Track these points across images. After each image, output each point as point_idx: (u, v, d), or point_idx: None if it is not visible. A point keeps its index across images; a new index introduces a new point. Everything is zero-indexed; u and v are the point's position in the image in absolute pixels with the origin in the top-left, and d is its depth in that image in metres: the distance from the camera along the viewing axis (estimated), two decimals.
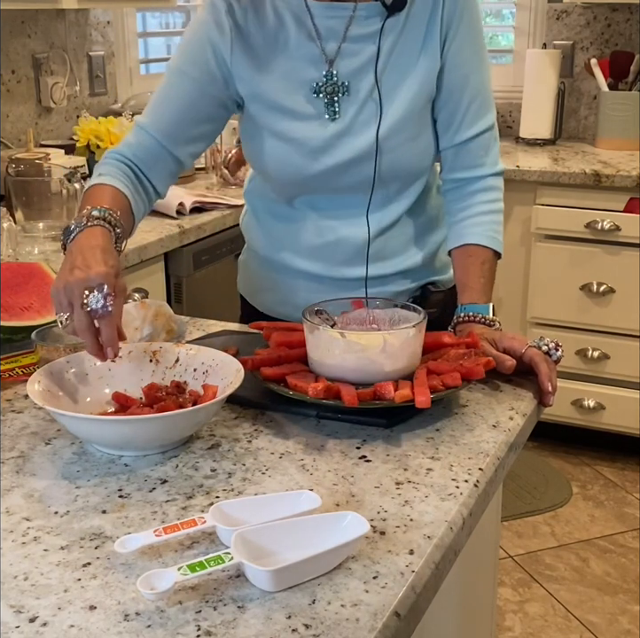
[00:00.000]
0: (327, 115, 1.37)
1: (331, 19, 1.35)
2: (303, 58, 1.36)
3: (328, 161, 1.38)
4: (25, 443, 1.05)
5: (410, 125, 1.38)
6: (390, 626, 0.74)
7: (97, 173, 1.35)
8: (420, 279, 1.52)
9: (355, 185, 1.40)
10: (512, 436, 1.08)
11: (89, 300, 1.06)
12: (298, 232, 1.46)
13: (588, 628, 2.28)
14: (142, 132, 1.39)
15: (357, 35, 1.35)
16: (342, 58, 1.36)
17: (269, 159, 1.41)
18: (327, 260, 1.46)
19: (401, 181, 1.43)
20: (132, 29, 3.17)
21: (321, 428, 1.09)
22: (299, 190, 1.43)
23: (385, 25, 1.34)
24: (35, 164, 2.25)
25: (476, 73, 1.41)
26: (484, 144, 1.45)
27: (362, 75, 1.36)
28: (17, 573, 0.80)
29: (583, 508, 2.82)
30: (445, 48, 1.37)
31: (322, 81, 1.36)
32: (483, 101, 1.43)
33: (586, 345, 2.93)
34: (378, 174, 1.39)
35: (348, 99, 1.37)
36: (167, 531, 0.83)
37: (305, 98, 1.37)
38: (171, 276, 2.25)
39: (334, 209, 1.44)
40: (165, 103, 1.40)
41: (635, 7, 3.26)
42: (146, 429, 0.99)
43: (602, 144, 3.22)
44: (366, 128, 1.37)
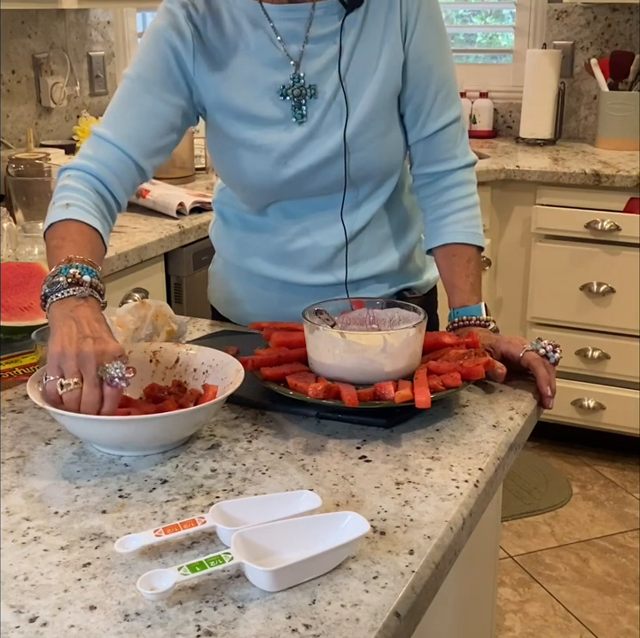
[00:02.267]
0: (294, 118, 1.35)
1: (290, 22, 1.33)
2: (267, 62, 1.34)
3: (298, 165, 1.36)
4: (25, 443, 1.05)
5: (378, 122, 1.37)
6: (390, 626, 0.74)
7: (65, 201, 1.25)
8: (396, 284, 1.50)
9: (325, 187, 1.39)
10: (512, 436, 1.08)
11: (108, 368, 0.99)
12: (270, 240, 1.44)
13: (588, 628, 2.28)
14: (106, 144, 1.32)
15: (318, 35, 1.34)
16: (307, 60, 1.34)
17: (237, 169, 1.39)
18: (301, 267, 1.44)
19: (373, 180, 1.42)
20: (132, 29, 3.17)
21: (321, 428, 1.09)
22: (270, 197, 1.41)
23: (344, 22, 1.33)
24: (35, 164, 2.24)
25: (440, 64, 1.39)
26: (453, 136, 1.42)
27: (326, 76, 1.35)
28: (17, 573, 0.80)
29: (583, 508, 2.82)
30: (406, 40, 1.36)
31: (288, 83, 1.34)
32: (448, 92, 1.41)
33: (586, 345, 2.94)
34: (349, 173, 1.38)
35: (315, 102, 1.35)
36: (167, 531, 0.83)
37: (271, 103, 1.35)
38: (171, 276, 2.25)
39: (308, 214, 1.42)
40: (129, 113, 1.34)
41: (635, 7, 3.26)
42: (146, 429, 0.99)
43: (602, 144, 3.22)
44: (333, 129, 1.35)
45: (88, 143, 1.34)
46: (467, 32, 3.74)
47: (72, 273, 1.09)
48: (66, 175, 1.31)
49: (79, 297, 1.08)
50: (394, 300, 1.25)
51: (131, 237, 2.10)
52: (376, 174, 1.41)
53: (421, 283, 1.55)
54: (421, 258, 1.55)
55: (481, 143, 3.39)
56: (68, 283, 1.08)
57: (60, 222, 1.22)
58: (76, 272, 1.10)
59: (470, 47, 3.73)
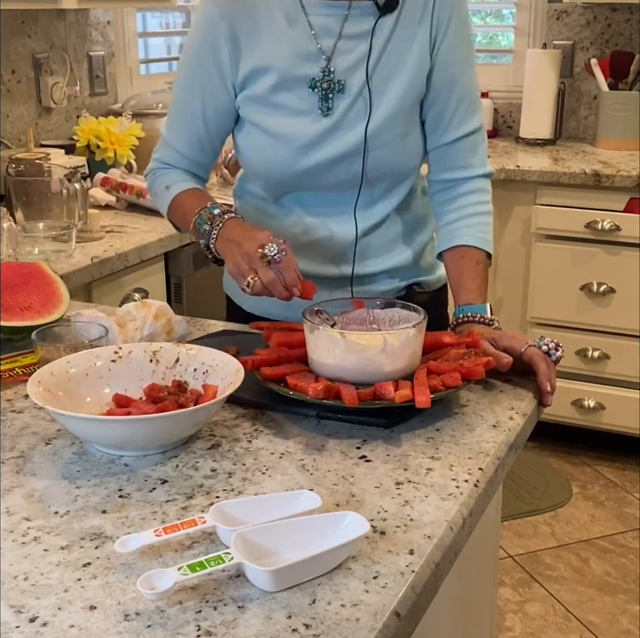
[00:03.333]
0: (320, 111, 1.40)
1: (326, 17, 1.38)
2: (299, 55, 1.39)
3: (317, 157, 1.40)
4: (25, 443, 1.05)
5: (399, 123, 1.41)
6: (390, 625, 0.74)
7: (163, 186, 1.47)
8: (405, 279, 1.53)
9: (342, 182, 1.42)
10: (512, 436, 1.08)
11: (265, 251, 1.20)
12: (286, 230, 1.47)
13: (588, 628, 2.28)
14: (171, 150, 1.49)
15: (351, 33, 1.38)
16: (338, 56, 1.39)
17: (258, 156, 1.44)
18: (314, 258, 1.47)
19: (388, 180, 1.45)
20: (132, 29, 3.17)
21: (321, 428, 1.09)
22: (287, 187, 1.45)
23: (377, 24, 1.38)
24: (35, 164, 2.25)
25: (464, 74, 1.43)
26: (472, 145, 1.46)
27: (354, 72, 1.39)
28: (17, 573, 0.80)
29: (583, 508, 2.82)
30: (435, 48, 1.40)
31: (318, 76, 1.39)
32: (471, 102, 1.45)
33: (586, 345, 2.94)
34: (366, 171, 1.41)
35: (341, 96, 1.39)
36: (167, 531, 0.83)
37: (298, 94, 1.40)
38: (171, 276, 2.25)
39: (322, 207, 1.45)
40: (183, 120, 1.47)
41: (635, 7, 3.26)
42: (146, 429, 0.99)
43: (602, 144, 3.22)
44: (355, 125, 1.39)
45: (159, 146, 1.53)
46: None
47: (206, 217, 1.34)
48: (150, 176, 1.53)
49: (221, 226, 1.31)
50: (394, 300, 1.25)
51: (131, 237, 2.10)
52: (392, 174, 1.44)
53: (432, 279, 1.57)
54: (432, 255, 1.56)
55: None
56: (210, 226, 1.33)
57: (172, 203, 1.46)
58: (208, 214, 1.34)
59: None
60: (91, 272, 1.94)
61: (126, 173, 2.46)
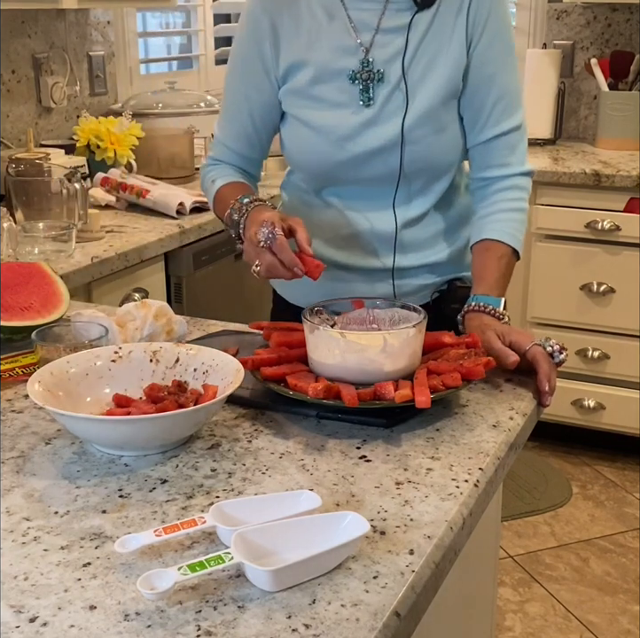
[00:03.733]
0: (361, 102, 1.43)
1: (364, 12, 1.42)
2: (338, 48, 1.43)
3: (354, 149, 1.43)
4: (25, 443, 1.05)
5: (435, 118, 1.43)
6: (390, 625, 0.74)
7: (210, 180, 1.53)
8: (447, 274, 1.54)
9: (380, 176, 1.45)
10: (512, 436, 1.08)
11: (258, 237, 1.22)
12: (327, 223, 1.51)
13: (588, 628, 2.28)
14: (222, 148, 1.55)
15: (388, 27, 1.42)
16: (375, 48, 1.42)
17: (298, 148, 1.49)
18: (355, 250, 1.51)
19: (425, 175, 1.47)
20: (132, 29, 3.17)
21: (321, 428, 1.09)
22: (326, 180, 1.49)
23: (413, 19, 1.40)
24: (35, 164, 2.24)
25: (503, 72, 1.45)
26: (510, 144, 1.47)
27: (392, 65, 1.42)
28: (17, 573, 0.80)
29: (583, 508, 2.82)
30: (472, 46, 1.42)
31: (358, 68, 1.42)
32: (510, 101, 1.46)
33: (586, 345, 2.93)
34: (403, 165, 1.43)
35: (382, 85, 1.43)
36: (167, 531, 0.83)
37: (338, 87, 1.43)
38: (171, 276, 2.25)
39: (361, 200, 1.48)
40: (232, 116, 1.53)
41: (635, 7, 3.26)
42: (146, 429, 0.99)
43: (602, 144, 3.22)
44: (393, 117, 1.42)
45: (212, 145, 1.59)
46: None
47: (236, 208, 1.36)
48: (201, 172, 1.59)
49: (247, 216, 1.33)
50: (394, 300, 1.25)
51: (131, 237, 2.10)
52: (429, 169, 1.46)
53: None
54: None
55: None
56: (238, 216, 1.35)
57: (215, 196, 1.50)
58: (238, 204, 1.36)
59: None
60: (91, 272, 1.94)
61: (126, 173, 2.46)
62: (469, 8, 1.40)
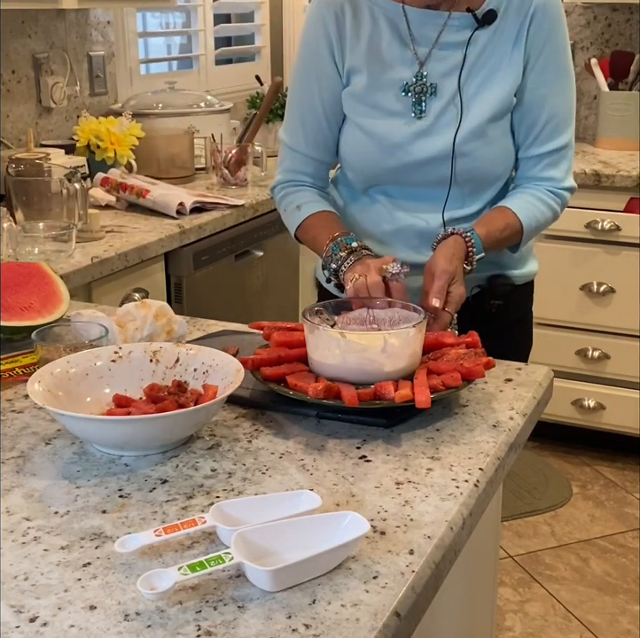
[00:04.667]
0: (413, 114, 1.46)
1: (425, 26, 1.45)
2: (395, 59, 1.46)
3: (404, 158, 1.47)
4: (25, 443, 1.05)
5: (486, 133, 1.46)
6: (390, 625, 0.74)
7: (294, 205, 1.54)
8: (487, 270, 1.56)
9: (430, 182, 1.48)
10: (512, 436, 1.08)
11: (389, 266, 1.27)
12: (373, 218, 1.54)
13: (588, 628, 2.28)
14: (298, 156, 1.56)
15: (447, 42, 1.44)
16: (431, 62, 1.45)
17: (351, 149, 1.52)
18: (397, 245, 1.53)
19: (477, 182, 1.50)
20: (132, 29, 3.17)
21: (321, 428, 1.09)
22: (374, 181, 1.52)
23: (473, 36, 1.43)
24: (35, 164, 2.24)
25: (556, 94, 1.49)
26: (555, 161, 1.52)
27: (447, 80, 1.45)
28: (17, 573, 0.80)
29: (583, 508, 2.82)
30: (528, 66, 1.45)
31: (412, 81, 1.45)
32: (560, 122, 1.50)
33: (586, 345, 2.93)
34: (455, 175, 1.46)
35: (434, 99, 1.45)
36: (167, 531, 0.83)
37: (394, 97, 1.46)
38: (171, 276, 2.25)
39: (409, 200, 1.51)
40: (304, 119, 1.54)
41: (635, 7, 3.26)
42: (146, 429, 0.99)
43: (602, 144, 3.22)
44: (445, 131, 1.45)
45: (284, 155, 1.59)
46: None
47: (342, 246, 1.40)
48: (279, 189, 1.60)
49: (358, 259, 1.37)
50: (394, 300, 1.25)
51: (131, 237, 2.10)
52: (479, 178, 1.50)
53: (517, 273, 1.62)
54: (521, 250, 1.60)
55: None
56: (347, 254, 1.39)
57: (303, 222, 1.52)
58: (345, 244, 1.40)
59: None
60: (91, 272, 1.94)
61: (126, 173, 2.46)
62: (529, 29, 1.43)
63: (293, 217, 1.54)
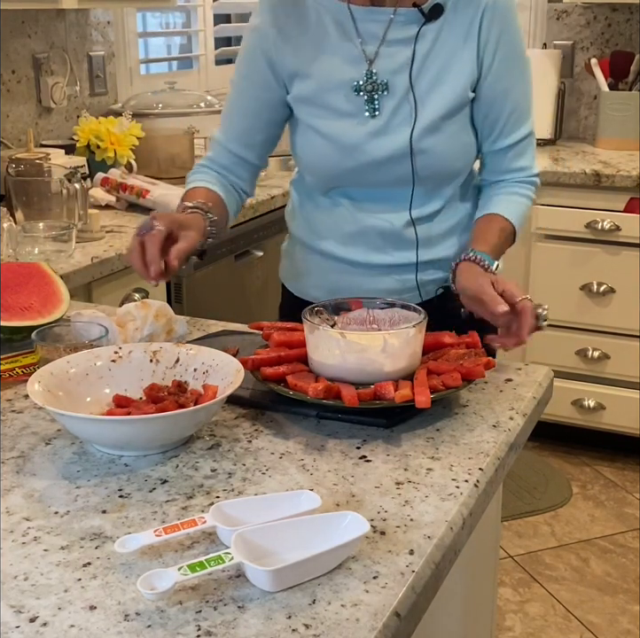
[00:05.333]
0: (367, 113, 1.44)
1: (371, 23, 1.42)
2: (344, 58, 1.44)
3: (362, 158, 1.45)
4: (25, 443, 1.05)
5: (444, 128, 1.44)
6: (390, 626, 0.74)
7: (188, 182, 1.52)
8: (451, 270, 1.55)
9: (392, 181, 1.47)
10: (512, 436, 1.08)
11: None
12: (334, 220, 1.53)
13: (588, 628, 2.28)
14: (219, 147, 1.54)
15: (395, 38, 1.42)
16: (380, 59, 1.43)
17: (307, 151, 1.50)
18: (361, 247, 1.52)
19: (438, 178, 1.49)
20: (132, 29, 3.17)
21: (321, 428, 1.09)
22: (334, 183, 1.51)
23: (420, 31, 1.41)
24: (35, 164, 2.24)
25: (516, 85, 1.48)
26: (521, 150, 1.52)
27: (398, 77, 1.43)
28: (17, 573, 0.80)
29: (583, 508, 2.82)
30: (485, 61, 1.44)
31: (363, 79, 1.43)
32: (522, 112, 1.50)
33: (586, 345, 2.93)
34: (416, 172, 1.45)
35: (387, 96, 1.44)
36: (167, 531, 0.83)
37: (345, 97, 1.45)
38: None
39: (371, 201, 1.50)
40: (232, 117, 1.54)
41: (635, 7, 3.26)
42: (146, 429, 0.99)
43: (602, 144, 3.22)
44: (401, 129, 1.43)
45: (209, 146, 1.59)
46: None
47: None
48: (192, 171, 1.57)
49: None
50: (394, 300, 1.25)
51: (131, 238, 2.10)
52: (440, 174, 1.49)
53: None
54: None
55: None
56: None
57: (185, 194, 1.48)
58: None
59: None
60: (91, 272, 1.94)
61: (126, 173, 2.46)
62: (481, 22, 1.41)
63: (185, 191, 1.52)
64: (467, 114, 1.47)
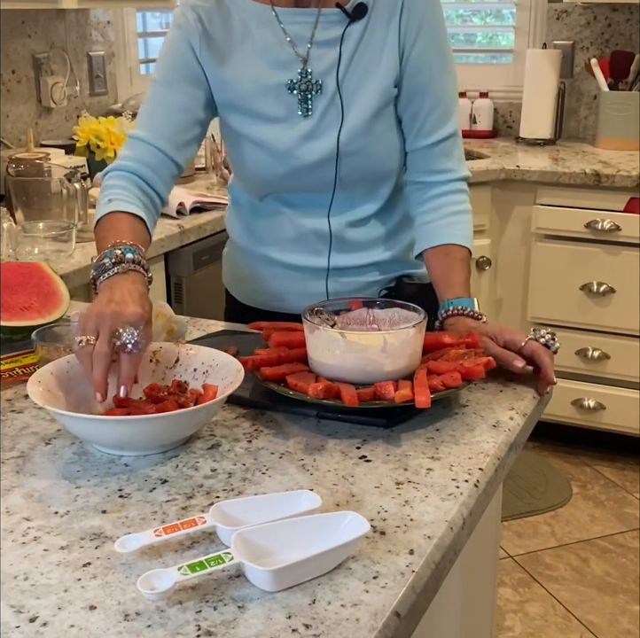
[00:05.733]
0: (300, 112, 1.42)
1: (297, 25, 1.40)
2: (273, 62, 1.41)
3: (293, 163, 1.43)
4: (25, 443, 1.05)
5: (371, 129, 1.42)
6: (390, 625, 0.74)
7: (107, 198, 1.36)
8: (394, 271, 1.55)
9: (319, 186, 1.45)
10: (512, 436, 1.08)
11: (122, 334, 1.06)
12: (273, 225, 1.51)
13: (588, 628, 2.28)
14: (141, 143, 1.42)
15: (322, 40, 1.40)
16: (312, 60, 1.41)
17: (240, 160, 1.47)
18: (300, 251, 1.51)
19: (368, 181, 1.47)
20: (132, 29, 3.17)
21: (321, 428, 1.09)
22: (269, 188, 1.48)
23: (345, 31, 1.39)
24: (35, 164, 2.25)
25: (438, 80, 1.43)
26: (446, 151, 1.46)
27: (328, 78, 1.41)
28: (17, 573, 0.80)
29: (583, 508, 2.82)
30: (405, 54, 1.41)
31: (297, 78, 1.41)
32: (445, 109, 1.44)
33: (586, 345, 2.93)
34: (341, 176, 1.43)
35: (320, 97, 1.41)
36: (167, 531, 0.83)
37: (275, 101, 1.41)
38: (171, 276, 2.25)
39: (304, 206, 1.48)
40: (157, 111, 1.43)
41: (635, 7, 3.26)
42: (146, 429, 0.99)
43: (602, 144, 3.22)
44: (329, 131, 1.41)
45: (125, 145, 1.45)
46: (467, 32, 3.74)
47: (115, 254, 1.19)
48: (107, 177, 1.43)
49: (122, 273, 1.17)
50: (393, 300, 1.25)
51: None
52: (369, 177, 1.47)
53: (420, 272, 1.58)
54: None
55: (481, 143, 3.40)
56: (112, 264, 1.18)
57: (104, 217, 1.33)
58: (119, 253, 1.19)
59: (470, 47, 3.74)
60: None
61: None
62: (400, 19, 1.39)
63: (101, 209, 1.35)
64: (393, 113, 1.45)
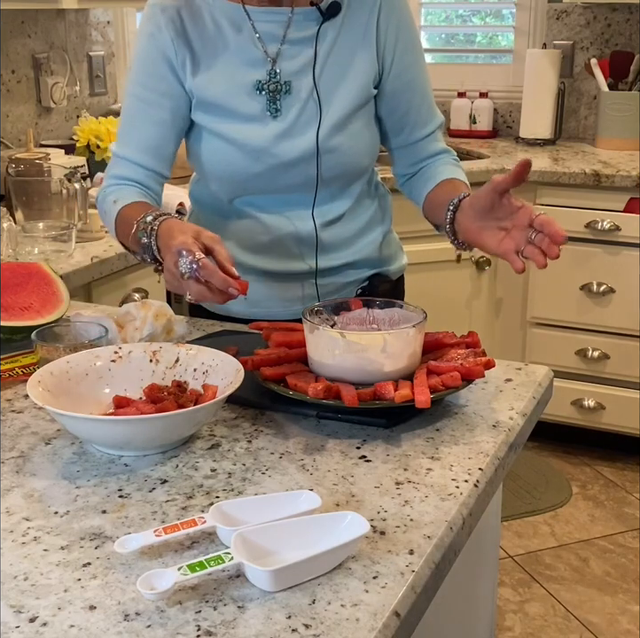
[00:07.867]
0: (269, 112, 1.41)
1: (269, 23, 1.40)
2: (245, 60, 1.41)
3: (270, 161, 1.42)
4: (25, 443, 1.05)
5: (349, 127, 1.43)
6: (390, 626, 0.74)
7: (112, 200, 1.40)
8: (366, 270, 1.56)
9: (297, 185, 1.44)
10: (512, 436, 1.08)
11: (180, 270, 1.14)
12: (243, 230, 1.49)
13: (588, 628, 2.28)
14: (126, 163, 1.43)
15: (295, 38, 1.40)
16: (283, 59, 1.41)
17: (212, 158, 1.45)
18: (274, 255, 1.49)
19: (344, 179, 1.48)
20: (132, 29, 3.17)
21: (321, 428, 1.09)
22: (240, 190, 1.46)
23: (320, 29, 1.40)
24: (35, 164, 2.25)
25: (420, 76, 1.48)
26: (437, 138, 1.52)
27: (301, 77, 1.41)
28: (17, 573, 0.80)
29: (583, 508, 2.82)
30: (386, 55, 1.43)
31: (265, 78, 1.41)
32: (431, 99, 1.51)
33: (586, 345, 2.93)
34: (321, 174, 1.43)
35: (290, 98, 1.41)
36: (167, 531, 0.83)
37: (247, 99, 1.41)
38: None
39: (278, 208, 1.47)
40: (139, 128, 1.43)
41: (635, 7, 3.26)
42: (146, 429, 0.99)
43: (602, 144, 3.22)
44: (307, 129, 1.41)
45: (111, 164, 1.46)
46: (467, 32, 3.74)
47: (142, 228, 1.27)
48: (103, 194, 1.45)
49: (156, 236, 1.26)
50: (393, 300, 1.25)
51: None
52: (346, 174, 1.47)
53: (392, 269, 1.60)
54: (392, 246, 1.61)
55: (481, 143, 3.39)
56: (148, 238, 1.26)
57: (118, 217, 1.37)
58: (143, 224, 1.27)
59: (470, 47, 3.73)
60: (91, 272, 1.94)
61: None
62: (378, 18, 1.41)
63: (110, 214, 1.40)
64: (370, 111, 1.46)
